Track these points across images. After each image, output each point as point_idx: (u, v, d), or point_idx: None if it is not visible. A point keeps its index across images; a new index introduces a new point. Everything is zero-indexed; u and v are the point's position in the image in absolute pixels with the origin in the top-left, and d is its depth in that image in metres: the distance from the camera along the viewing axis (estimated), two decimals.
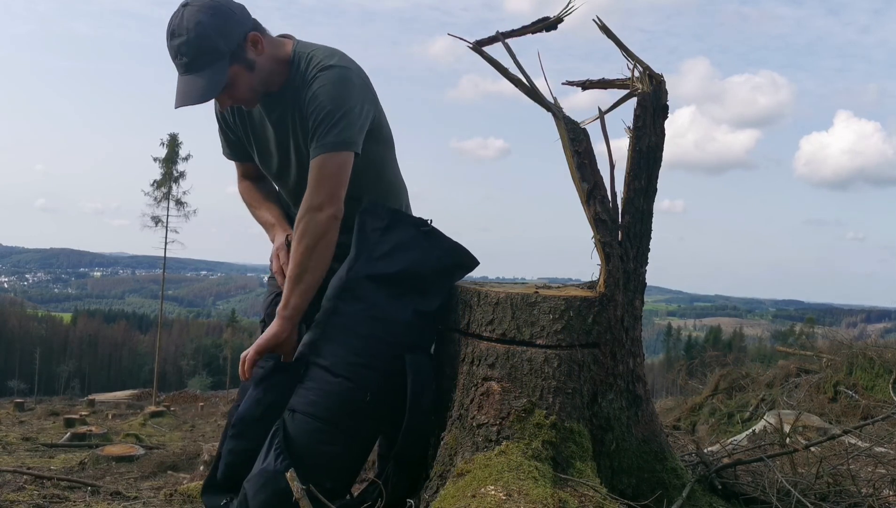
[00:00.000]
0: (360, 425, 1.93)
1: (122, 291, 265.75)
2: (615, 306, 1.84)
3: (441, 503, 1.63)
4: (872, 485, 2.17)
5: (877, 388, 5.32)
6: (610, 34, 1.84)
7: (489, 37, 1.86)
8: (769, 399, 5.82)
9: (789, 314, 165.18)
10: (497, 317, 1.86)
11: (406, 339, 1.96)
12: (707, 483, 2.05)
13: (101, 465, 6.54)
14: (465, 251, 2.05)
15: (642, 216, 1.90)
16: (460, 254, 2.05)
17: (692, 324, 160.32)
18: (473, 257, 2.07)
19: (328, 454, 1.90)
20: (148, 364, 60.84)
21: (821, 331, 21.30)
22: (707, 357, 8.11)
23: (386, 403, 1.94)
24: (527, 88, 1.85)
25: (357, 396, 1.91)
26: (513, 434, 1.78)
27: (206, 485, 2.07)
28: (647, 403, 1.95)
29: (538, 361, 1.80)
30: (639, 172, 1.88)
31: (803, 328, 32.35)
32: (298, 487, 1.60)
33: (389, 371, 1.93)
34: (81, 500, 3.66)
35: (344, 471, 1.96)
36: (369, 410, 1.92)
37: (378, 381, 1.93)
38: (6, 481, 4.33)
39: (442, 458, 1.93)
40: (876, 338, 7.46)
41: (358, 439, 1.94)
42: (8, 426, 13.52)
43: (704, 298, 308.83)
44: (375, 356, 1.94)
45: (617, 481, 1.86)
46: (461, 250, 2.05)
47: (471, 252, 2.06)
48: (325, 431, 1.90)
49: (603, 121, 1.87)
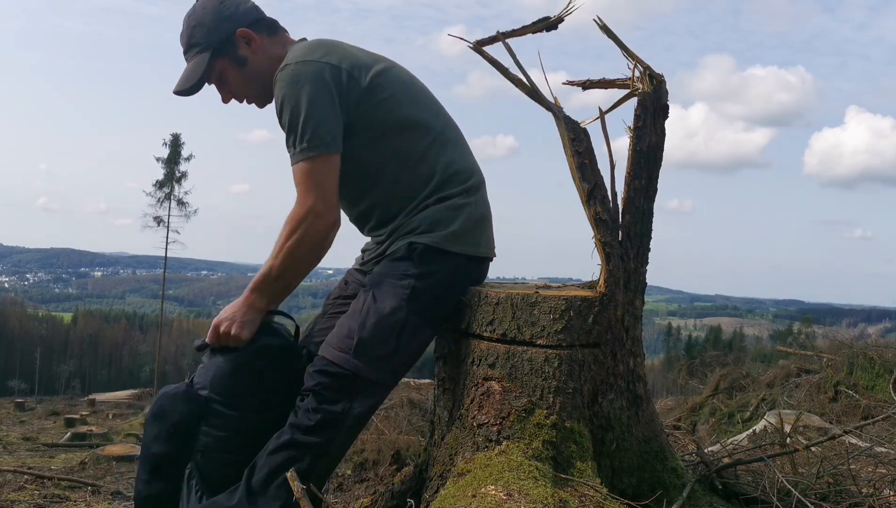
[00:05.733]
0: (266, 437, 1.95)
1: (122, 291, 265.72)
2: (615, 306, 1.84)
3: (441, 503, 1.63)
4: (873, 485, 2.17)
5: (877, 388, 5.32)
6: (610, 34, 1.84)
7: (489, 37, 1.86)
8: (769, 399, 5.81)
9: (790, 314, 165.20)
10: (497, 317, 1.86)
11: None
12: (707, 483, 2.05)
13: (101, 465, 6.54)
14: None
15: (643, 216, 1.90)
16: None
17: (692, 324, 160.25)
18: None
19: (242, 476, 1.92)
20: (148, 364, 60.87)
21: (821, 331, 21.28)
22: (707, 357, 8.12)
23: (283, 409, 1.98)
24: (527, 88, 1.85)
25: (265, 421, 1.95)
26: (513, 434, 1.78)
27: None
28: (647, 403, 1.95)
29: (538, 361, 1.81)
30: (639, 171, 1.88)
31: (801, 328, 32.33)
32: (299, 487, 1.60)
33: (288, 391, 1.98)
34: (82, 500, 3.66)
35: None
36: (273, 424, 1.96)
37: (274, 399, 1.98)
38: (7, 481, 4.33)
39: (442, 458, 1.93)
40: (876, 338, 7.45)
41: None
42: (8, 425, 13.53)
43: (705, 298, 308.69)
44: (273, 386, 1.99)
45: (617, 481, 1.86)
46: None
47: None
48: (240, 462, 1.92)
49: (603, 121, 1.87)
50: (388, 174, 2.00)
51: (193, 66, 2.02)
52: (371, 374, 1.89)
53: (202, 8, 2.03)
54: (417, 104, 2.03)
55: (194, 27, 2.02)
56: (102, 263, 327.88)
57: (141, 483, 1.99)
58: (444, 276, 1.94)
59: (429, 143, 2.00)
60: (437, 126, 2.04)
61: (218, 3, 2.03)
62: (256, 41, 2.04)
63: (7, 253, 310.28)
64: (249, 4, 2.08)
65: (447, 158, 2.01)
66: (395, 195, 2.00)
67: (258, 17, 2.07)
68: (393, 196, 2.01)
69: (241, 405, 1.96)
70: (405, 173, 1.99)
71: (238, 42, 2.03)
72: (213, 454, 1.94)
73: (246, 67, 2.04)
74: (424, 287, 1.91)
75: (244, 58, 2.03)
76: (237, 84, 2.07)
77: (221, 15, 2.01)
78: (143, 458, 2.00)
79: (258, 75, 2.04)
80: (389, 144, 1.98)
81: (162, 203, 37.21)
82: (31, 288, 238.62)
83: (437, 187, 1.98)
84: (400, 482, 2.16)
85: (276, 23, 2.11)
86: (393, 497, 2.13)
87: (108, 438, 10.75)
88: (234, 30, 2.02)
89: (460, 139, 2.11)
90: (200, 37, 2.01)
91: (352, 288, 2.17)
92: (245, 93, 2.09)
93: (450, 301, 1.98)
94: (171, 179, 37.19)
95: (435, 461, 1.98)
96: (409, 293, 1.90)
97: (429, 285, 1.92)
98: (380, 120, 1.97)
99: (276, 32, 2.10)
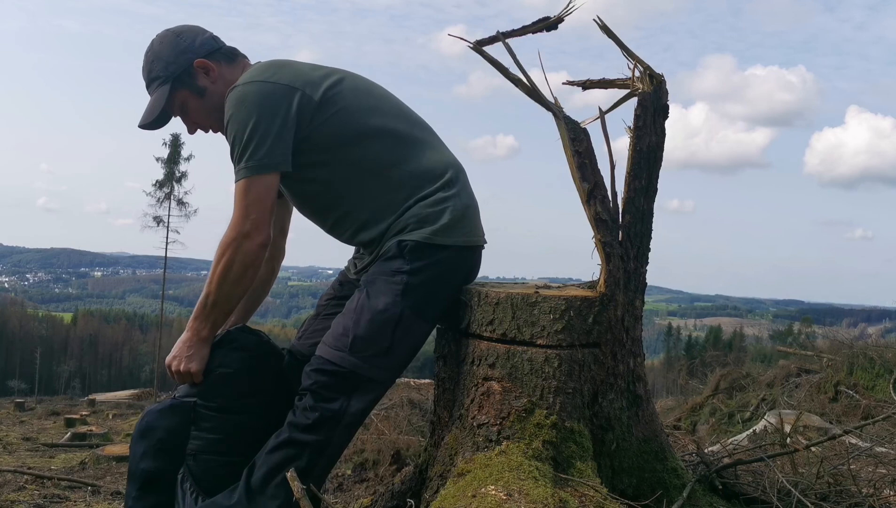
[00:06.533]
0: (258, 439, 1.99)
1: (122, 291, 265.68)
2: (616, 306, 1.84)
3: (441, 503, 1.63)
4: (873, 485, 2.17)
5: (877, 388, 5.32)
6: (610, 34, 1.85)
7: (489, 37, 1.86)
8: (770, 399, 5.82)
9: (790, 314, 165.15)
10: (497, 317, 1.86)
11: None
12: (707, 483, 2.05)
13: (101, 465, 6.54)
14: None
15: (643, 216, 1.90)
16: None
17: (692, 324, 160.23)
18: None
19: (238, 477, 1.94)
20: (148, 364, 60.83)
21: (821, 331, 21.27)
22: (707, 357, 8.12)
23: (269, 407, 2.03)
24: (527, 88, 1.85)
25: (253, 421, 2.01)
26: (513, 434, 1.78)
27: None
28: (647, 403, 1.95)
29: (539, 361, 1.80)
30: (639, 171, 1.89)
31: (801, 328, 32.35)
32: (298, 487, 1.60)
33: (272, 389, 2.05)
34: (82, 500, 3.67)
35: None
36: (261, 422, 2.01)
37: (264, 401, 2.03)
38: (7, 481, 4.33)
39: (442, 458, 1.93)
40: (876, 338, 7.46)
41: (257, 447, 1.98)
42: (8, 426, 13.52)
43: (705, 298, 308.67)
44: (256, 386, 2.04)
45: (617, 481, 1.86)
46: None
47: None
48: (232, 462, 1.96)
49: (603, 121, 1.87)
50: (355, 184, 2.00)
51: (155, 98, 2.07)
52: (368, 371, 1.90)
53: (160, 43, 2.08)
54: (376, 112, 2.03)
55: (153, 61, 2.07)
56: (102, 263, 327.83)
57: (131, 500, 2.02)
58: (437, 269, 1.94)
59: (393, 147, 2.00)
60: (402, 129, 2.04)
61: (174, 37, 2.08)
62: (214, 70, 2.07)
63: (7, 253, 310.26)
64: (207, 35, 2.12)
65: (418, 159, 2.01)
66: (368, 203, 2.00)
67: (216, 47, 2.10)
68: (366, 204, 2.00)
69: (229, 406, 2.00)
70: (377, 181, 1.99)
71: (196, 73, 2.06)
72: (204, 456, 1.99)
73: (205, 97, 2.08)
74: (418, 282, 1.91)
75: (203, 88, 2.07)
76: (198, 114, 2.11)
77: (178, 48, 2.06)
78: (132, 475, 2.04)
79: (217, 104, 2.05)
80: (352, 154, 1.99)
81: (162, 203, 37.21)
82: (31, 288, 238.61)
83: (415, 188, 1.98)
84: (400, 482, 2.16)
85: (236, 51, 2.14)
86: (393, 497, 2.13)
87: (108, 438, 10.74)
88: (191, 61, 2.05)
89: (431, 137, 2.12)
90: (159, 70, 2.05)
91: (346, 289, 2.17)
92: (208, 123, 2.13)
93: (445, 295, 1.98)
94: (170, 179, 37.18)
95: (435, 461, 1.98)
96: (403, 289, 1.90)
97: (422, 279, 1.92)
98: (336, 133, 1.98)
99: (234, 60, 2.13)
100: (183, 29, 2.11)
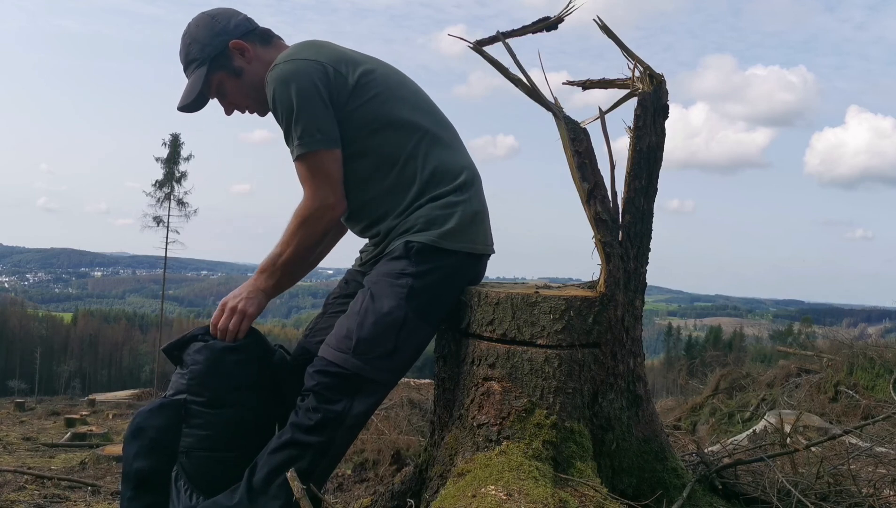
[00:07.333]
0: (249, 434, 2.01)
1: (122, 291, 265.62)
2: (616, 306, 1.84)
3: (441, 503, 1.63)
4: (873, 485, 2.17)
5: (877, 388, 5.32)
6: (610, 34, 1.85)
7: (489, 37, 1.86)
8: (770, 399, 5.82)
9: (790, 314, 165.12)
10: (497, 317, 1.86)
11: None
12: (707, 483, 2.05)
13: (101, 465, 6.54)
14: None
15: (643, 216, 1.90)
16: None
17: (692, 324, 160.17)
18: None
19: (231, 473, 1.95)
20: (148, 364, 60.85)
21: (821, 331, 21.27)
22: (707, 357, 8.12)
23: (261, 403, 2.05)
24: (527, 88, 1.85)
25: (244, 416, 2.01)
26: (513, 434, 1.78)
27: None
28: (647, 403, 1.95)
29: (539, 361, 1.80)
30: (639, 171, 1.88)
31: (801, 328, 32.36)
32: (299, 487, 1.60)
33: (261, 384, 2.05)
34: (82, 500, 3.67)
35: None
36: (253, 418, 2.02)
37: (254, 396, 2.04)
38: (7, 481, 4.33)
39: (442, 458, 1.93)
40: (876, 338, 7.46)
41: (251, 446, 1.98)
42: (8, 425, 13.52)
43: (705, 298, 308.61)
44: (246, 381, 2.04)
45: (617, 481, 1.86)
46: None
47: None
48: (225, 458, 1.98)
49: (603, 121, 1.87)
50: (376, 174, 2.02)
51: (193, 81, 2.10)
52: (371, 373, 1.90)
53: (196, 25, 2.11)
54: (406, 104, 2.04)
55: (189, 44, 2.10)
56: (102, 263, 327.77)
57: (126, 501, 2.02)
58: (442, 274, 1.94)
59: (416, 142, 2.01)
60: (426, 126, 2.04)
61: (210, 19, 2.11)
62: (250, 51, 2.10)
63: (7, 253, 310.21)
64: (241, 17, 2.14)
65: (436, 157, 2.01)
66: (384, 196, 2.02)
67: (250, 28, 2.13)
68: (382, 196, 2.02)
69: (220, 402, 2.00)
70: (394, 173, 2.00)
71: (232, 54, 2.09)
72: (197, 453, 1.99)
73: (242, 78, 2.10)
74: (422, 286, 1.91)
75: (240, 68, 2.10)
76: (235, 95, 2.14)
77: (214, 30, 2.08)
78: (126, 476, 2.03)
79: (254, 84, 2.09)
80: (377, 143, 2.00)
81: (162, 203, 37.23)
82: (31, 288, 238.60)
83: (427, 187, 1.98)
84: (400, 482, 2.16)
85: (270, 31, 2.17)
86: (393, 497, 2.13)
87: (108, 438, 10.73)
88: (227, 42, 2.08)
89: (453, 138, 2.12)
90: (196, 53, 2.09)
91: (352, 287, 2.17)
92: (244, 103, 2.16)
93: (448, 299, 1.98)
94: (170, 179, 37.20)
95: (435, 461, 1.98)
96: (408, 292, 1.90)
97: (427, 283, 1.92)
98: (367, 119, 1.99)
99: (269, 41, 2.15)
100: (218, 11, 2.14)
